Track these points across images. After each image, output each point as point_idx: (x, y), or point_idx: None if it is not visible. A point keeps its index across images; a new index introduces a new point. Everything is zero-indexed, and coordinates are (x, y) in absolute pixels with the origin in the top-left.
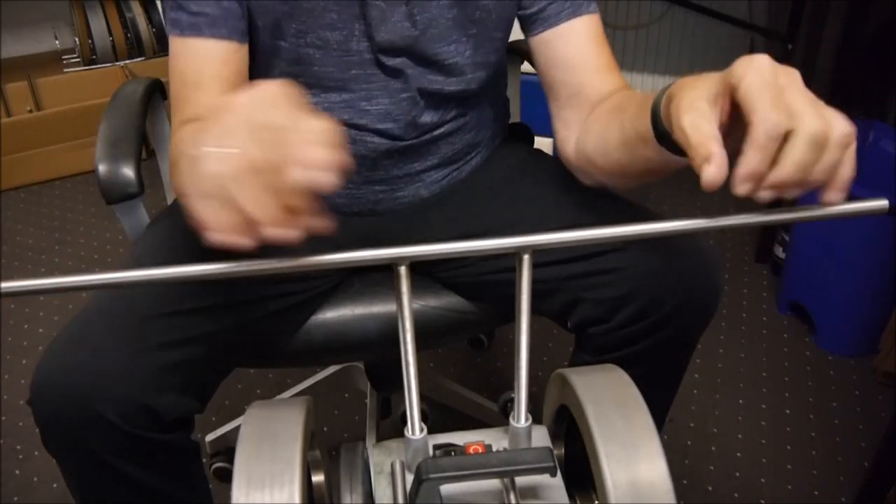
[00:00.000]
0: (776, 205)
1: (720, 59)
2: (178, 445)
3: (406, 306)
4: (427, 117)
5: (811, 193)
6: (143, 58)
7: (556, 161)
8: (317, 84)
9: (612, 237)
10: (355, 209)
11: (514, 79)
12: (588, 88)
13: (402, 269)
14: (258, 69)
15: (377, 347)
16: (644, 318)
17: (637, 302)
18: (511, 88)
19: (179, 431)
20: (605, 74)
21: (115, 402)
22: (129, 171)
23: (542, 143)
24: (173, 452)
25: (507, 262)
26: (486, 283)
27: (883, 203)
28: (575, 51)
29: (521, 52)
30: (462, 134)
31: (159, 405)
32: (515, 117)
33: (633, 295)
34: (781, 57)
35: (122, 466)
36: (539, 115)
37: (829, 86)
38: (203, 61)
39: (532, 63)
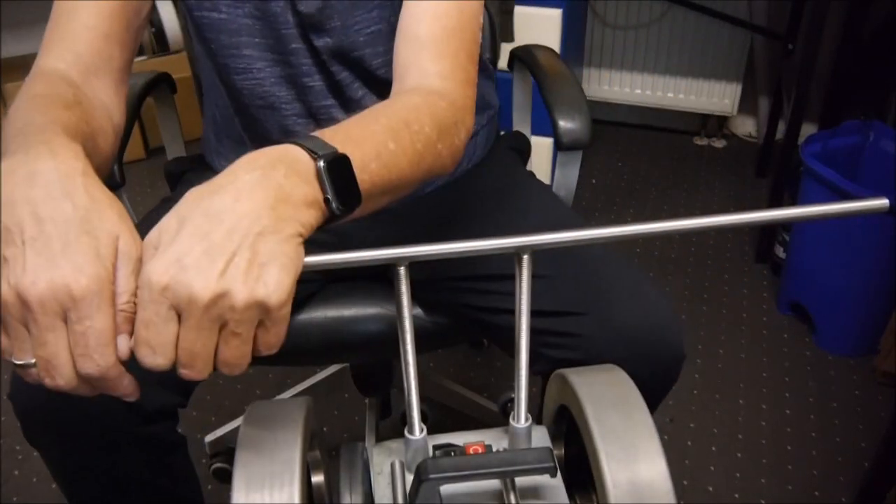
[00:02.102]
0: (776, 205)
1: (720, 59)
2: (161, 437)
3: (405, 307)
4: (370, 101)
5: (812, 193)
6: (143, 57)
7: (540, 186)
8: (260, 57)
9: (613, 237)
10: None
11: (524, 88)
12: (398, 69)
13: (402, 270)
14: (201, 41)
15: (367, 349)
16: None
17: None
18: (521, 98)
19: (162, 423)
20: (420, 62)
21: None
22: None
23: (542, 143)
24: (156, 444)
25: (499, 301)
26: (481, 308)
27: (883, 203)
28: (407, 24)
29: (529, 62)
30: None
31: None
32: (525, 129)
33: (589, 362)
34: (781, 57)
35: (103, 458)
36: (537, 115)
37: (828, 86)
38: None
39: None
